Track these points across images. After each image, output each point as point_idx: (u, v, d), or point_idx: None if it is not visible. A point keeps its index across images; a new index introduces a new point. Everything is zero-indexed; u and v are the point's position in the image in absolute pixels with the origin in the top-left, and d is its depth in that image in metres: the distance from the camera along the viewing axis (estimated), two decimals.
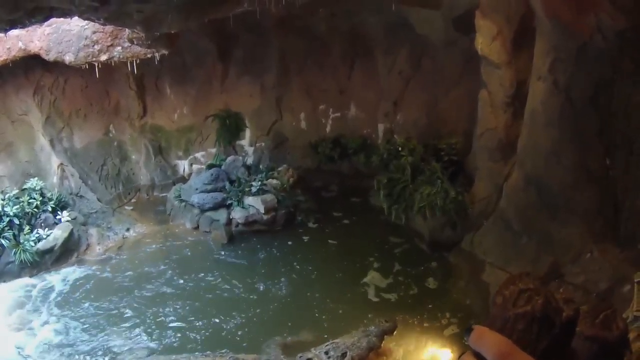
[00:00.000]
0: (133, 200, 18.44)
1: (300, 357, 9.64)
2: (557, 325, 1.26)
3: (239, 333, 11.59)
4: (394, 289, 12.98)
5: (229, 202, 15.91)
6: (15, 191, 15.20)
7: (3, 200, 14.45)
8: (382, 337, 10.22)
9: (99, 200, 17.23)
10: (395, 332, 10.50)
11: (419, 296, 12.70)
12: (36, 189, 15.30)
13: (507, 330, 1.27)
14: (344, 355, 9.50)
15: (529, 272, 1.33)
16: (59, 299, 13.08)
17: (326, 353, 9.54)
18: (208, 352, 10.40)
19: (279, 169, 17.55)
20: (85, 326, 11.96)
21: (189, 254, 15.10)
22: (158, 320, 12.07)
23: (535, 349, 1.24)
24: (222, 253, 15.03)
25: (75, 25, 14.08)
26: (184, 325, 11.88)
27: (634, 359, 3.61)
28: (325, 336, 10.85)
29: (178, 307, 12.54)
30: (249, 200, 15.76)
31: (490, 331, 1.27)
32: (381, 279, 13.34)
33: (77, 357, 10.36)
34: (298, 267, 14.16)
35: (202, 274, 14.03)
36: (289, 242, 15.41)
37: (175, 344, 11.23)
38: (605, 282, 10.47)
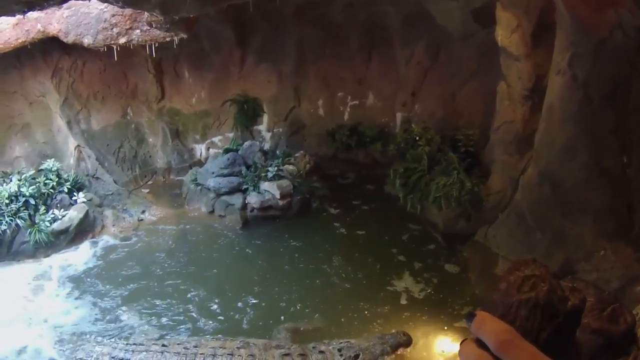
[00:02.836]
0: (149, 183, 18.56)
1: (314, 347, 9.65)
2: (561, 313, 1.25)
3: (251, 318, 11.62)
4: (407, 282, 12.94)
5: (245, 186, 15.92)
6: (32, 172, 15.30)
7: (19, 180, 14.56)
8: (397, 348, 10.10)
9: (115, 182, 17.35)
10: (410, 346, 10.30)
11: (430, 288, 12.65)
12: (52, 169, 15.41)
13: (510, 317, 1.25)
14: (356, 357, 9.49)
15: (535, 259, 1.31)
16: (71, 279, 13.19)
17: (339, 350, 9.54)
18: (219, 335, 10.44)
19: (296, 155, 17.57)
20: (97, 307, 12.05)
21: (204, 237, 15.18)
22: (170, 302, 12.14)
23: (538, 337, 1.22)
24: (237, 237, 15.07)
25: (94, 8, 14.13)
26: (195, 308, 11.93)
27: None
28: (336, 328, 10.92)
29: (191, 289, 12.59)
30: (264, 185, 15.77)
31: (492, 318, 1.25)
32: (391, 269, 13.34)
33: (89, 336, 10.43)
34: (313, 253, 14.17)
35: (216, 258, 14.13)
36: (304, 228, 15.40)
37: (186, 327, 11.29)
38: (618, 281, 10.42)
